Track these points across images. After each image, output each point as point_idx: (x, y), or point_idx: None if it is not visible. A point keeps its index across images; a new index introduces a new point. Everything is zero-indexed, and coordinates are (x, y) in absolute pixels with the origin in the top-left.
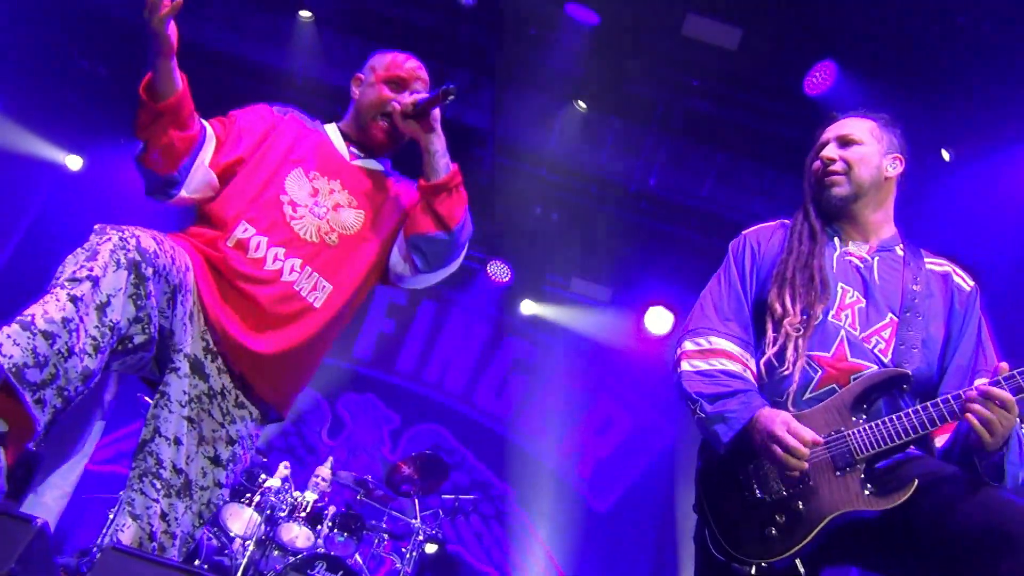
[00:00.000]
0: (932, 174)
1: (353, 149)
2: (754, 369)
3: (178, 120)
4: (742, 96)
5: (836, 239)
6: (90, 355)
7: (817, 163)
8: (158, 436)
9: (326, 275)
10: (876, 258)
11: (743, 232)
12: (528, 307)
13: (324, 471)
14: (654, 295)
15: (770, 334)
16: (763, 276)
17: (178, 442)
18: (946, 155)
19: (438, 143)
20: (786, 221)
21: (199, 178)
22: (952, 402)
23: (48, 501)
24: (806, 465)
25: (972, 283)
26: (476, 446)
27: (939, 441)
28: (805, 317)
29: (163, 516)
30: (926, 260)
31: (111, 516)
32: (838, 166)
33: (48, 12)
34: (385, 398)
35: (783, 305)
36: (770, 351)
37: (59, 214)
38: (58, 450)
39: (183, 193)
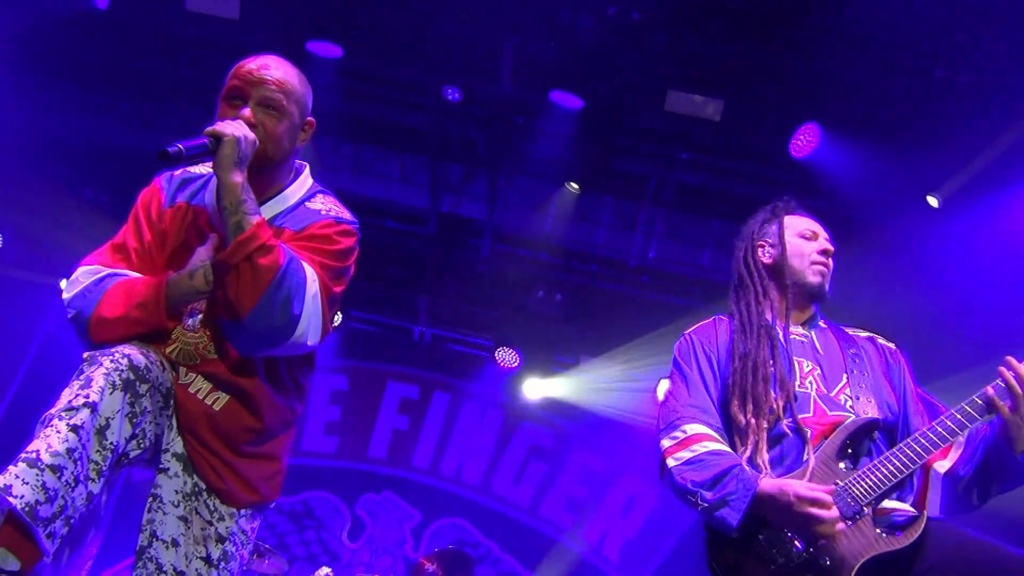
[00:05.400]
0: (920, 221)
1: None
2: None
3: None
4: (731, 165)
5: (777, 322)
6: (93, 480)
7: (819, 250)
8: (155, 540)
9: (220, 388)
10: (812, 332)
11: (685, 333)
12: (540, 391)
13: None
14: (664, 367)
15: (739, 447)
16: (723, 372)
17: (175, 544)
18: (934, 201)
19: (227, 195)
20: (722, 317)
21: None
22: (937, 427)
23: None
24: (837, 514)
25: (894, 344)
26: (499, 537)
27: (942, 466)
28: (767, 422)
29: None
30: (848, 330)
31: None
32: (831, 263)
33: (53, 146)
34: (404, 495)
35: (746, 416)
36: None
37: (65, 338)
38: (60, 561)
39: None
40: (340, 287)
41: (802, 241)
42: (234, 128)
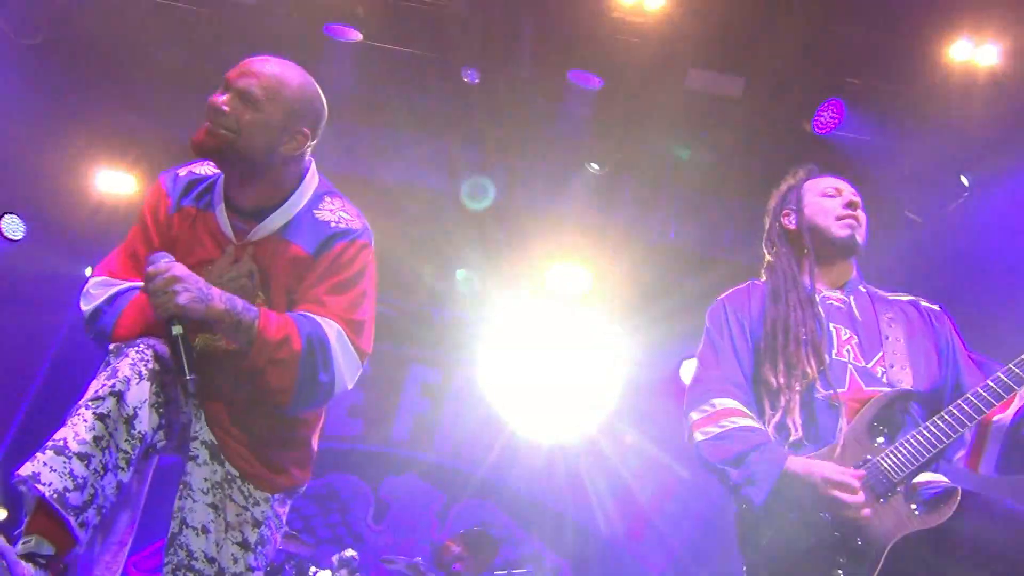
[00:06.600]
0: (949, 200)
1: (237, 221)
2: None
3: None
4: (752, 143)
5: (812, 286)
6: (123, 469)
7: (844, 203)
8: (186, 527)
9: (237, 411)
10: (851, 297)
11: (718, 298)
12: None
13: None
14: (686, 347)
15: (768, 411)
16: (754, 337)
17: (206, 531)
18: (964, 180)
19: (221, 327)
20: (757, 282)
21: None
22: (992, 383)
23: None
24: (863, 498)
25: (938, 306)
26: (523, 518)
27: (1004, 419)
28: (800, 385)
29: None
30: (888, 295)
31: None
32: (861, 216)
33: (74, 136)
34: (427, 477)
35: (777, 378)
36: (770, 425)
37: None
38: (93, 548)
39: None
40: (364, 310)
41: (825, 199)
42: (171, 298)
